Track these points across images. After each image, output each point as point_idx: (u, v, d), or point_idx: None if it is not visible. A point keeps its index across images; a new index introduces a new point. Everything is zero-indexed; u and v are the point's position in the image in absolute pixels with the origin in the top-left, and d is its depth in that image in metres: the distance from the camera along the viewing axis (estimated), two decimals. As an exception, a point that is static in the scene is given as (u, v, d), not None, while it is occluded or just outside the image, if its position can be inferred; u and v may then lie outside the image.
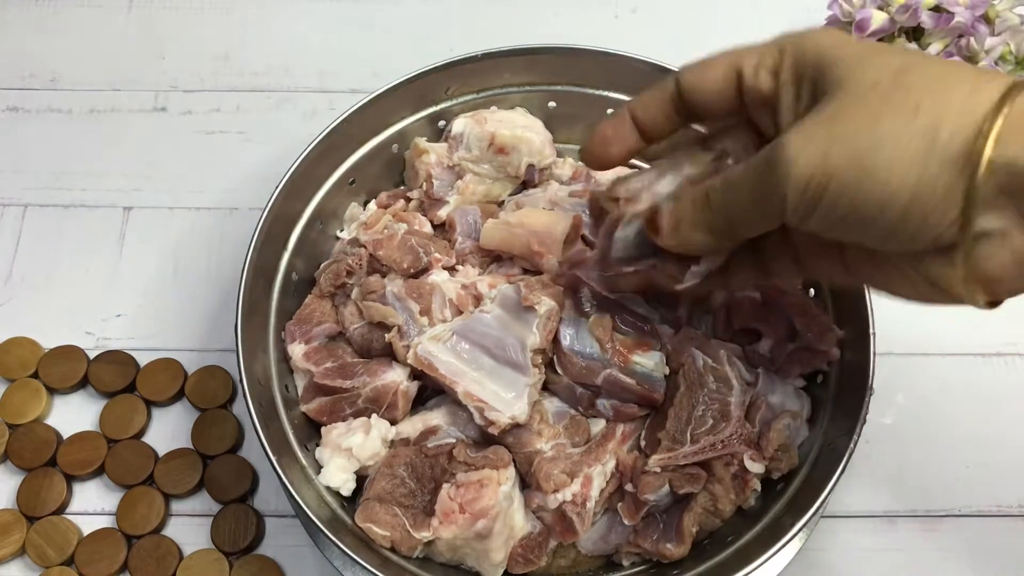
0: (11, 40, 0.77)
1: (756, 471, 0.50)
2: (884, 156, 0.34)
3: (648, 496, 0.49)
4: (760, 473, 0.51)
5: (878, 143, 0.34)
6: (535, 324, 0.50)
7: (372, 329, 0.54)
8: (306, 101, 0.74)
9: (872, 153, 0.34)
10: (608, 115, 0.47)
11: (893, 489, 0.60)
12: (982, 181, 0.33)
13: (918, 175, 0.34)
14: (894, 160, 0.34)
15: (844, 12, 0.72)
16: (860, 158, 0.35)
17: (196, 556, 0.57)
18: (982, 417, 0.62)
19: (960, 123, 0.33)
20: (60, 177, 0.71)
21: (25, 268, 0.67)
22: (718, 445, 0.50)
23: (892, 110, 0.34)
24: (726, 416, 0.50)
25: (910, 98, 0.34)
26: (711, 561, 0.50)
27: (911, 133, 0.34)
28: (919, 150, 0.34)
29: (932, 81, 0.35)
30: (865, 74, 0.36)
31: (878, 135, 0.34)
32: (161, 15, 0.78)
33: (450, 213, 0.59)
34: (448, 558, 0.51)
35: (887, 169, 0.34)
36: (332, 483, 0.51)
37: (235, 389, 0.62)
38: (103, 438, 0.60)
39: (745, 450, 0.50)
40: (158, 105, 0.74)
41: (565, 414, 0.52)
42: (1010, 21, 0.70)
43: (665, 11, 0.78)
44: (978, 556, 0.58)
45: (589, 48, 0.60)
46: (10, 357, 0.63)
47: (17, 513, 0.58)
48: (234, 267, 0.62)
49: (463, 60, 0.59)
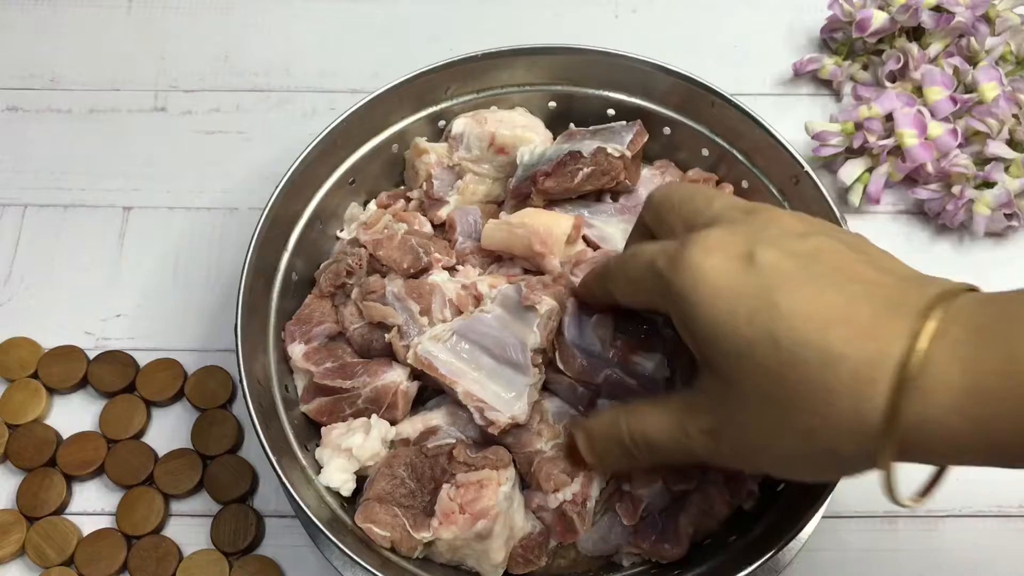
0: (11, 40, 0.77)
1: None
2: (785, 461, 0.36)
3: (641, 491, 0.49)
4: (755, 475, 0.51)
5: (777, 454, 0.36)
6: (536, 324, 0.50)
7: (372, 329, 0.54)
8: (306, 101, 0.74)
9: (770, 455, 0.37)
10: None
11: (893, 489, 0.60)
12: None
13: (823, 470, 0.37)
14: (791, 463, 0.36)
15: (844, 12, 0.72)
16: (757, 460, 0.37)
17: (196, 556, 0.57)
18: (982, 417, 0.62)
19: (858, 447, 0.33)
20: (60, 177, 0.71)
21: (25, 268, 0.67)
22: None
23: (783, 425, 0.34)
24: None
25: (800, 420, 0.34)
26: (711, 561, 0.50)
27: (809, 451, 0.35)
28: (823, 464, 0.35)
29: (819, 389, 0.33)
30: (748, 380, 0.35)
31: (774, 449, 0.36)
32: (161, 15, 0.78)
33: (450, 213, 0.59)
34: (448, 558, 0.51)
35: (786, 467, 0.37)
36: (332, 483, 0.51)
37: (235, 389, 0.62)
38: (103, 438, 0.60)
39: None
40: (158, 105, 0.74)
41: (565, 414, 0.52)
42: (1011, 21, 0.70)
43: (665, 11, 0.78)
44: (978, 556, 0.58)
45: (589, 48, 0.60)
46: (9, 357, 0.63)
47: (17, 513, 0.58)
48: (234, 267, 0.62)
49: (463, 60, 0.59)
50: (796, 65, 0.74)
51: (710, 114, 0.59)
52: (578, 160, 0.56)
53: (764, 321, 0.34)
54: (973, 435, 0.31)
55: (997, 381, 0.30)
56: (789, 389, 0.33)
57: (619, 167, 0.56)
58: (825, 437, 0.33)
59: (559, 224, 0.54)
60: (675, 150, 0.62)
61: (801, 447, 0.34)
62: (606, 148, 0.56)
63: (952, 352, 0.31)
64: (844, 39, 0.74)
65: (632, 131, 0.58)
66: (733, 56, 0.76)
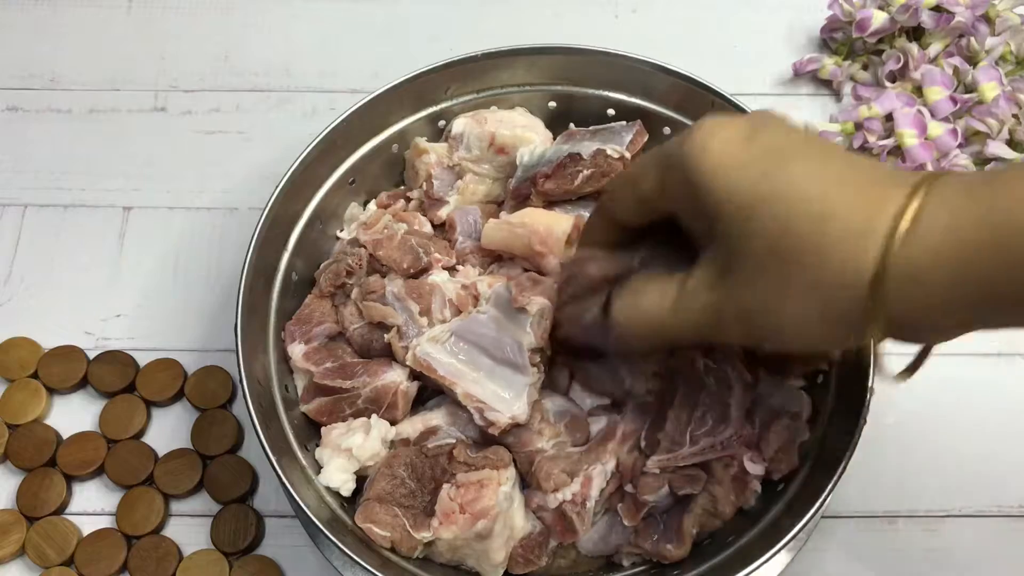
0: (11, 40, 0.77)
1: (756, 472, 0.50)
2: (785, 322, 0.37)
3: (647, 497, 0.49)
4: (760, 474, 0.51)
5: (778, 315, 0.37)
6: (528, 324, 0.50)
7: (372, 329, 0.54)
8: (306, 101, 0.74)
9: (771, 318, 0.37)
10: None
11: (893, 489, 0.60)
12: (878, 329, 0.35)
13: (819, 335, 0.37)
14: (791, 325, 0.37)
15: (844, 12, 0.72)
16: (759, 322, 0.38)
17: (196, 556, 0.57)
18: (982, 417, 0.62)
19: (851, 303, 0.35)
20: (60, 177, 0.71)
21: (25, 268, 0.67)
22: (718, 446, 0.50)
23: (784, 283, 0.36)
24: (726, 417, 0.50)
25: (800, 276, 0.35)
26: (711, 561, 0.50)
27: (806, 312, 0.36)
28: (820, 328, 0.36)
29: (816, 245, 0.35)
30: (750, 242, 0.36)
31: (775, 310, 0.37)
32: (161, 15, 0.78)
33: (450, 213, 0.59)
34: (448, 558, 0.51)
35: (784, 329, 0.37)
36: (332, 483, 0.51)
37: (235, 389, 0.62)
38: (103, 438, 0.60)
39: (745, 451, 0.50)
40: (158, 105, 0.74)
41: (566, 413, 0.52)
42: (1010, 21, 0.70)
43: (665, 11, 0.78)
44: (978, 556, 0.58)
45: (589, 48, 0.60)
46: (9, 357, 0.63)
47: (17, 513, 0.58)
48: (234, 267, 0.62)
49: (463, 60, 0.59)
50: (796, 65, 0.74)
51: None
52: (578, 162, 0.56)
53: (770, 183, 0.36)
54: (954, 288, 0.33)
55: (975, 232, 0.32)
56: (790, 245, 0.35)
57: (619, 168, 0.56)
58: (821, 294, 0.35)
59: (559, 224, 0.54)
60: (675, 150, 0.62)
61: (799, 307, 0.36)
62: (605, 150, 0.56)
63: (937, 211, 0.33)
64: (844, 39, 0.74)
65: (632, 131, 0.58)
66: (733, 56, 0.76)
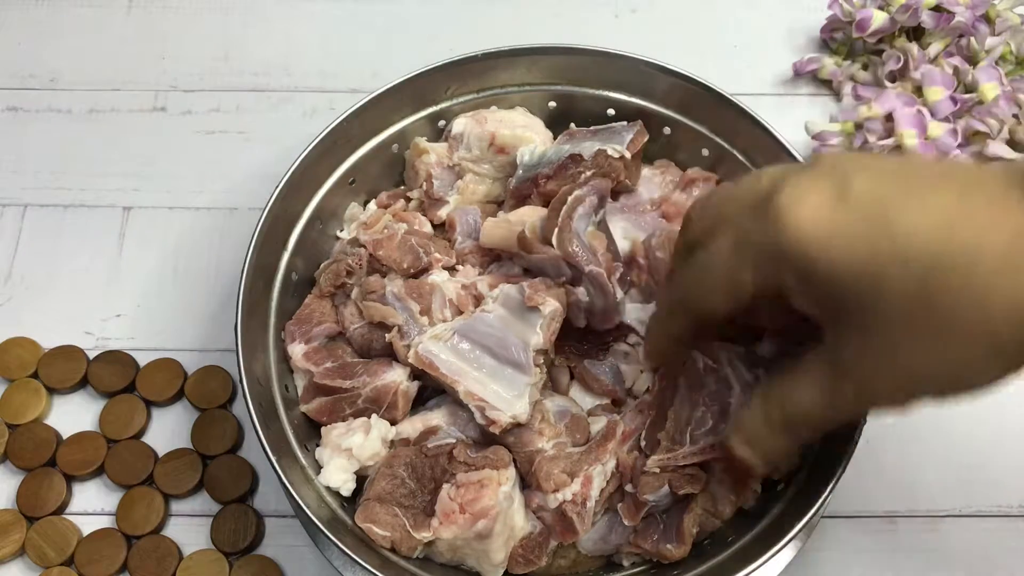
0: (11, 40, 0.77)
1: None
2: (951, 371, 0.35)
3: (647, 496, 0.49)
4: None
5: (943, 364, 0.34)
6: (539, 324, 0.50)
7: (372, 329, 0.54)
8: (306, 101, 0.74)
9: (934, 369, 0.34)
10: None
11: (893, 489, 0.60)
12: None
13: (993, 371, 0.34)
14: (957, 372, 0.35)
15: (844, 12, 0.72)
16: (922, 374, 0.35)
17: (196, 556, 0.57)
18: (982, 417, 0.62)
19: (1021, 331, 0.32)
20: (60, 177, 0.71)
21: (25, 268, 0.67)
22: (718, 446, 0.50)
23: (942, 332, 0.33)
24: (726, 417, 0.50)
25: (960, 326, 0.32)
26: (711, 561, 0.49)
27: (971, 357, 0.33)
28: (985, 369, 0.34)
29: (966, 286, 0.32)
30: (889, 303, 0.33)
31: (938, 361, 0.34)
32: (161, 15, 0.78)
33: (450, 213, 0.59)
34: (448, 558, 0.51)
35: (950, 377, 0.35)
36: (332, 483, 0.51)
37: (235, 389, 0.62)
38: (103, 438, 0.60)
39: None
40: (158, 105, 0.74)
41: (566, 413, 0.52)
42: (1011, 21, 0.70)
43: (665, 11, 0.78)
44: (978, 556, 0.58)
45: (589, 48, 0.60)
46: (9, 357, 0.63)
47: (17, 513, 0.58)
48: (234, 267, 0.62)
49: (463, 60, 0.59)
50: (796, 65, 0.74)
51: (710, 114, 0.59)
52: (579, 163, 0.56)
53: (888, 238, 0.32)
54: None
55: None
56: (935, 301, 0.32)
57: (619, 168, 0.56)
58: (988, 335, 0.32)
59: (559, 224, 0.54)
60: (675, 150, 0.62)
61: (964, 354, 0.33)
62: (606, 150, 0.56)
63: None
64: (844, 39, 0.74)
65: (632, 131, 0.58)
66: (733, 56, 0.76)
